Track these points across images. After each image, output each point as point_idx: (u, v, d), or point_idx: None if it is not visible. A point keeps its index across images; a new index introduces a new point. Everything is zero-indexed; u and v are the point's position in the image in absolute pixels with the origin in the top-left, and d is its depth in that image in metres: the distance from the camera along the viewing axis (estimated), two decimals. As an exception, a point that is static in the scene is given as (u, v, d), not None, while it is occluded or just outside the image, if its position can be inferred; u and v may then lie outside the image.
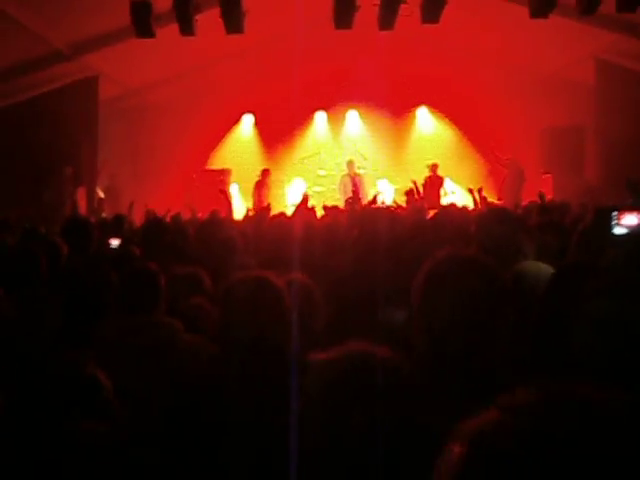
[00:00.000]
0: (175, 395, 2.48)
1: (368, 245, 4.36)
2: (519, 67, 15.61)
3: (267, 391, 2.07)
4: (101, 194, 14.92)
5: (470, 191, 8.81)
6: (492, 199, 12.02)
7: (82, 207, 13.79)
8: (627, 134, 13.15)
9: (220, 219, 6.20)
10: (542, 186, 14.66)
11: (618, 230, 2.18)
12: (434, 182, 14.22)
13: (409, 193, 10.14)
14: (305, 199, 8.00)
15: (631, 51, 12.90)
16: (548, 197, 12.87)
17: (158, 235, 5.12)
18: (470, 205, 9.01)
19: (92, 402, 1.89)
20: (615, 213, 2.19)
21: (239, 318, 2.18)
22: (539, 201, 8.14)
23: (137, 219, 9.41)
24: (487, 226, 4.32)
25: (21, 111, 12.75)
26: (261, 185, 14.75)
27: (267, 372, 2.12)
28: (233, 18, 10.13)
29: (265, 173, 14.98)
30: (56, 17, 10.88)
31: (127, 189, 15.20)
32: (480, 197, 8.56)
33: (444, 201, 12.97)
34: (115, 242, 5.55)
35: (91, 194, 14.25)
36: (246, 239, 5.21)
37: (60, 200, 12.97)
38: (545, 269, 3.00)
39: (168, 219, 7.72)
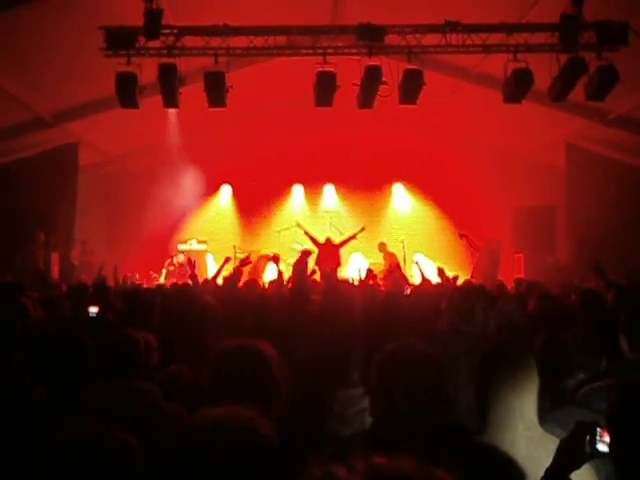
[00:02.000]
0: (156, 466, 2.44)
1: (332, 317, 4.38)
2: (493, 149, 16.08)
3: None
4: (74, 261, 14.82)
5: (439, 270, 8.64)
6: (465, 276, 12.08)
7: (55, 272, 13.66)
8: (594, 215, 13.49)
9: (192, 288, 6.21)
10: (514, 265, 14.87)
11: (601, 447, 2.18)
12: (389, 259, 14.52)
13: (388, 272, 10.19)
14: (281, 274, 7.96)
15: (598, 136, 13.41)
16: (519, 276, 13.02)
17: (138, 303, 5.12)
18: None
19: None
20: (599, 429, 2.18)
21: (229, 385, 2.18)
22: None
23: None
24: (455, 303, 4.45)
25: (0, 175, 12.76)
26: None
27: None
28: (216, 93, 10.31)
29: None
30: (40, 85, 11.03)
31: (100, 255, 15.12)
32: (443, 277, 8.41)
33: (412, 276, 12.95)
34: (94, 310, 5.51)
35: (65, 260, 14.13)
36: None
37: (32, 265, 12.84)
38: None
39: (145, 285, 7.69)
